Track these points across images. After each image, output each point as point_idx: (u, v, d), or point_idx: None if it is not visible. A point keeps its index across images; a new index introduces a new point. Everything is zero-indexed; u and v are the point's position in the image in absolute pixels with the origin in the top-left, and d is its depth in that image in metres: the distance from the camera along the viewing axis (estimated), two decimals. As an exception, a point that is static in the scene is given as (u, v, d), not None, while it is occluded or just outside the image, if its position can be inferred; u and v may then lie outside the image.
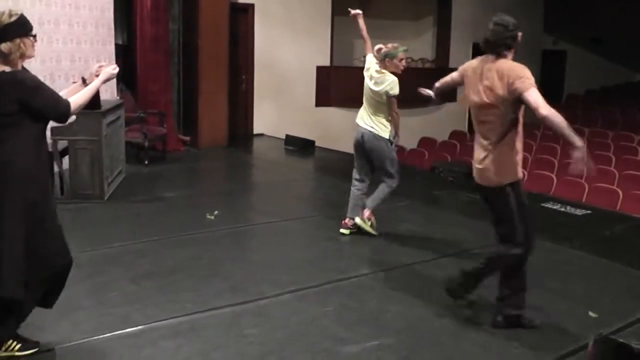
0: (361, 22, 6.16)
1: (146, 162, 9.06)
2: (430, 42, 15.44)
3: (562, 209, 7.63)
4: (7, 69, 3.30)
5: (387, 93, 5.71)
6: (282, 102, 12.34)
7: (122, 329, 3.97)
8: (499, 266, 4.16)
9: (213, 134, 10.74)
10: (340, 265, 5.31)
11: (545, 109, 3.60)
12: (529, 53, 17.05)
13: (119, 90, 9.53)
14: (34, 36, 3.42)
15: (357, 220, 5.99)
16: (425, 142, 13.39)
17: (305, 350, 3.81)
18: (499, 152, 3.95)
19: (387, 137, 5.84)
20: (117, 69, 3.79)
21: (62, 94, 3.57)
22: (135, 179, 8.18)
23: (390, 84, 5.72)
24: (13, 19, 3.30)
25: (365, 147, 5.92)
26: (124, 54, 10.44)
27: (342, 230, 6.10)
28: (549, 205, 7.74)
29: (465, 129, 14.64)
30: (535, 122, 5.01)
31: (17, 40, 3.30)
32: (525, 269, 4.14)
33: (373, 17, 13.57)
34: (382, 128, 5.83)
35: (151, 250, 5.49)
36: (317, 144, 11.30)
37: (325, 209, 7.27)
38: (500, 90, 3.80)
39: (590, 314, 4.43)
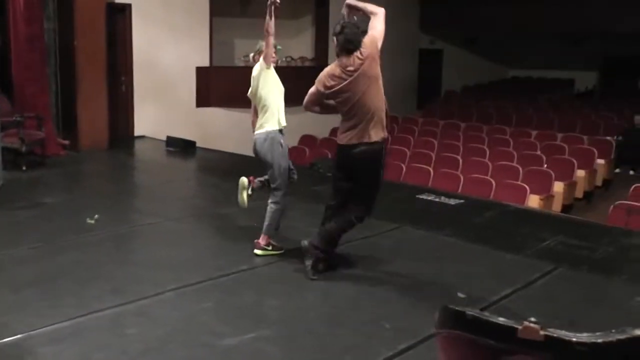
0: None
1: (24, 168, 8.83)
2: (309, 41, 15.73)
3: (437, 200, 8.01)
4: None
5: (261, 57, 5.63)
6: (163, 103, 12.26)
7: (-1, 339, 3.91)
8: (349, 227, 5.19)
9: (93, 136, 10.57)
10: (220, 262, 5.45)
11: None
12: (407, 52, 17.71)
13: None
14: None
15: (257, 251, 5.59)
16: (306, 139, 13.64)
17: (185, 345, 3.95)
18: (380, 117, 4.89)
19: (277, 127, 5.49)
20: None
21: None
22: (13, 186, 7.95)
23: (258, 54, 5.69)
24: None
25: (259, 154, 5.60)
26: (-3, 55, 10.12)
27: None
28: (424, 196, 8.08)
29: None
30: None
31: None
32: None
33: (253, 16, 13.70)
34: (268, 123, 5.49)
35: (31, 257, 5.43)
36: (198, 144, 11.32)
37: (207, 208, 7.41)
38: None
39: (459, 294, 4.76)
